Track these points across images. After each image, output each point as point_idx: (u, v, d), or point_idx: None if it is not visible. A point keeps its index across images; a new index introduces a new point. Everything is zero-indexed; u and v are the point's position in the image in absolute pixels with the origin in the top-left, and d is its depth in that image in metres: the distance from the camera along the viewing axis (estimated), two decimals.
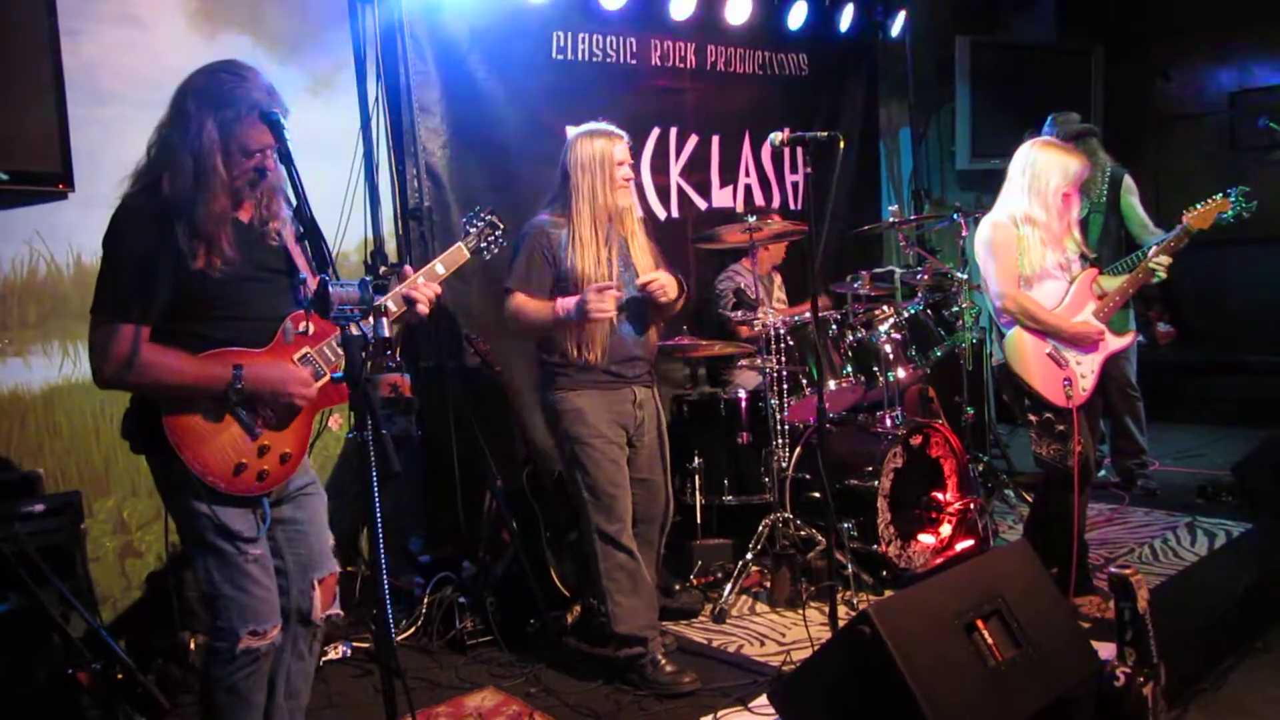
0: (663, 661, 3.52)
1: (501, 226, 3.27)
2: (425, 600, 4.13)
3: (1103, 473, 5.57)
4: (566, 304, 3.45)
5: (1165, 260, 3.89)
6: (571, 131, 3.65)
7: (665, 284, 3.53)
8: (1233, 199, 3.96)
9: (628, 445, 3.62)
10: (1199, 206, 3.95)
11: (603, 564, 3.54)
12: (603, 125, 3.62)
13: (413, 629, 4.07)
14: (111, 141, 3.63)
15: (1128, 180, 5.31)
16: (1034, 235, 3.77)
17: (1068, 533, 3.77)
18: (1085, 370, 3.80)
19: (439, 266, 2.98)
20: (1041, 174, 3.77)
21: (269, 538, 2.61)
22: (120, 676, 3.06)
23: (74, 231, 3.76)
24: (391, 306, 2.76)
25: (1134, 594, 2.98)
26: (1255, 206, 3.98)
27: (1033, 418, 3.83)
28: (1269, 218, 4.66)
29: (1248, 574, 4.19)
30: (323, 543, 2.77)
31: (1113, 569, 3.04)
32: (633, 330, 3.63)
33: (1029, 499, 5.18)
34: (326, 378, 2.58)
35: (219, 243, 2.43)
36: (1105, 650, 3.08)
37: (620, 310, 3.54)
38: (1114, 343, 3.88)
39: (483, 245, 3.21)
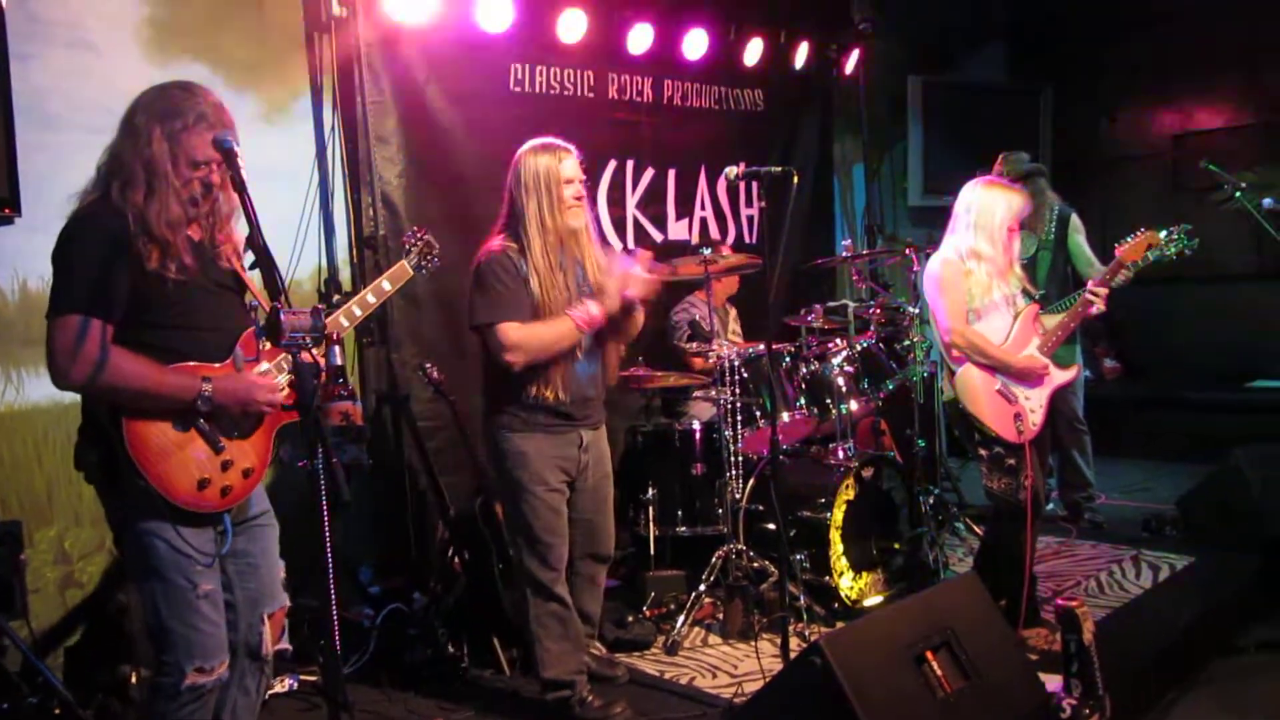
0: (590, 699, 3.47)
1: (437, 246, 3.33)
2: (375, 632, 4.07)
3: (1050, 506, 5.64)
4: (580, 315, 3.31)
5: (1102, 291, 3.96)
6: (522, 147, 3.49)
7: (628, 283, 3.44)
8: (1175, 237, 4.06)
9: (569, 488, 3.52)
10: (1130, 239, 4.05)
11: (533, 610, 3.46)
12: (549, 140, 3.47)
13: (362, 661, 4.01)
14: (60, 167, 3.58)
15: (1075, 219, 5.42)
16: (981, 269, 3.84)
17: (1017, 566, 3.81)
18: (1034, 405, 3.86)
19: (385, 283, 3.13)
20: (987, 210, 3.86)
21: (220, 570, 2.57)
22: (58, 711, 2.99)
23: (19, 257, 3.70)
24: (345, 322, 2.80)
25: (1080, 626, 3.02)
26: (1197, 245, 4.08)
27: (983, 452, 3.88)
28: (1211, 256, 4.78)
29: (1191, 607, 4.26)
30: (273, 577, 2.74)
31: (1060, 601, 3.08)
32: (589, 367, 3.50)
33: (979, 531, 5.23)
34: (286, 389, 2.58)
35: (174, 247, 2.42)
36: (1052, 682, 3.11)
37: (577, 345, 3.42)
38: (1059, 376, 3.94)
39: (423, 264, 3.30)
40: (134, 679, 3.52)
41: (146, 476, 2.37)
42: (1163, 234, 4.05)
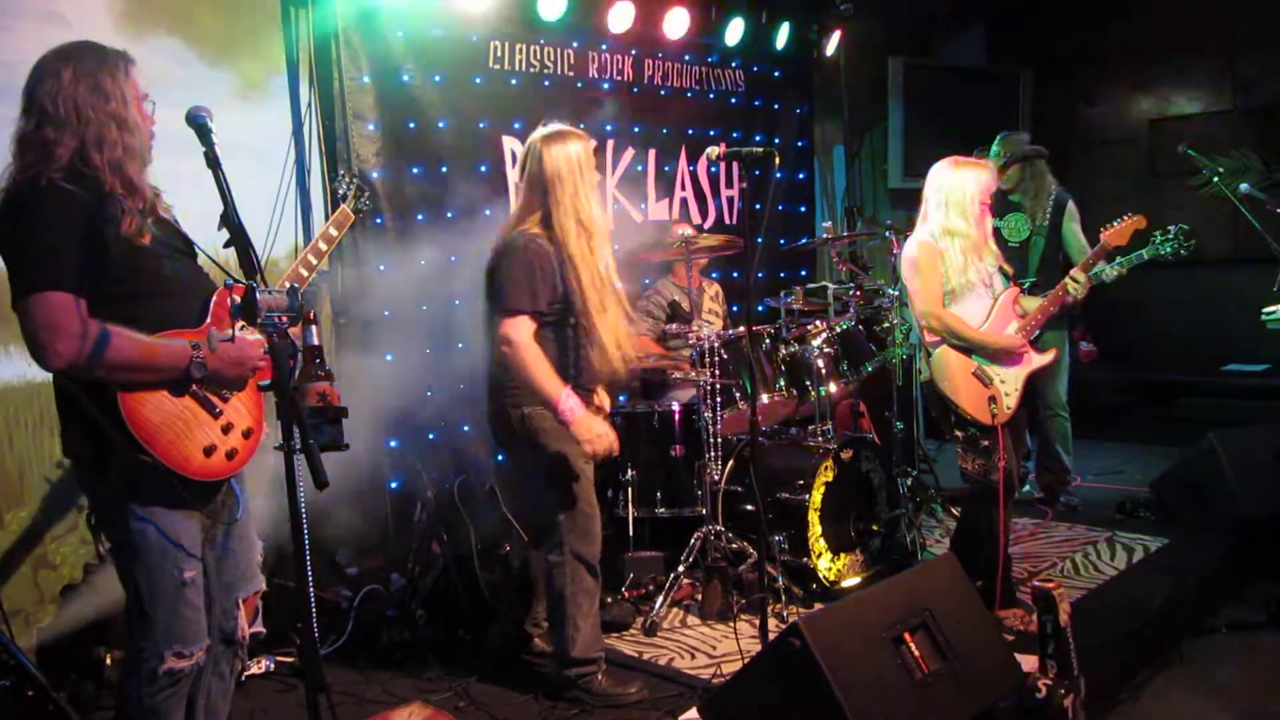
0: (601, 677, 3.49)
1: (367, 187, 3.34)
2: (353, 613, 4.06)
3: (1026, 488, 5.68)
4: (573, 405, 3.25)
5: (1081, 277, 3.98)
6: (532, 136, 3.40)
7: None
8: (1172, 236, 4.07)
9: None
10: (1115, 224, 4.06)
11: (569, 587, 3.42)
12: (567, 126, 3.40)
13: (339, 643, 3.99)
14: None
15: (1071, 206, 5.37)
16: (955, 246, 3.85)
17: (992, 547, 3.84)
18: (1009, 389, 3.87)
19: (332, 230, 3.19)
20: (957, 187, 3.87)
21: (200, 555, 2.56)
22: (31, 694, 2.96)
23: None
24: (304, 273, 2.88)
25: (1056, 607, 3.04)
26: (1193, 246, 4.08)
27: (959, 433, 3.90)
28: None
29: (1164, 588, 4.30)
30: (249, 561, 2.73)
31: (1036, 583, 3.10)
32: (619, 351, 3.48)
33: (956, 513, 5.26)
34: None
35: (137, 210, 2.37)
36: (1028, 663, 3.14)
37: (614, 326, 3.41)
38: (1037, 360, 3.96)
39: (360, 207, 3.29)
40: (108, 661, 3.49)
41: (153, 452, 2.33)
42: (1157, 233, 4.06)
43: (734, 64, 6.34)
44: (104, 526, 2.52)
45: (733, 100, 6.37)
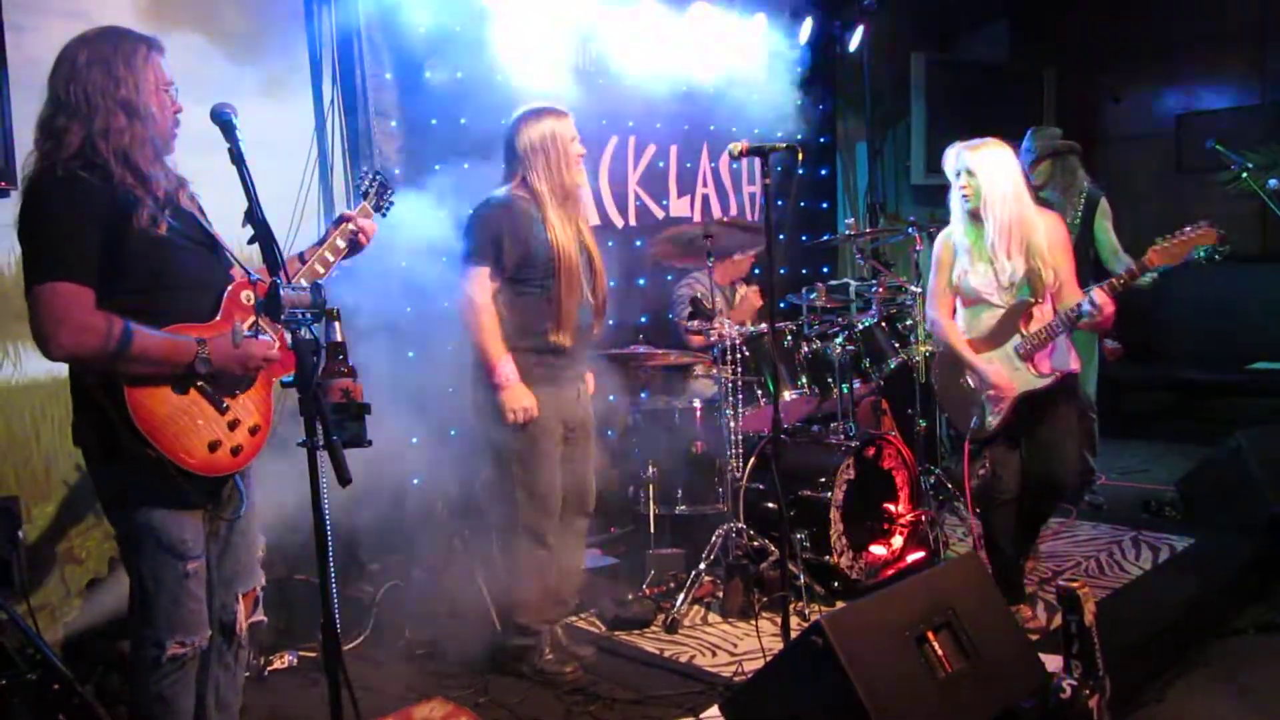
0: (548, 652, 3.58)
1: (391, 186, 3.35)
2: (375, 608, 4.07)
3: None
4: (508, 372, 3.39)
5: (1100, 299, 3.52)
6: (516, 111, 3.58)
7: None
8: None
9: (563, 440, 3.61)
10: (1173, 237, 3.60)
11: (520, 559, 3.55)
12: (547, 104, 3.57)
13: (361, 638, 4.01)
14: None
15: (1103, 203, 5.30)
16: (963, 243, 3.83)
17: (991, 545, 3.87)
18: (995, 404, 3.80)
19: (350, 226, 3.12)
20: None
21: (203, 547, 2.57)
22: (57, 687, 2.99)
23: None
24: (320, 269, 2.82)
25: (1081, 607, 3.01)
26: (1228, 250, 3.97)
27: (951, 431, 3.89)
28: None
29: (1189, 587, 4.26)
30: (250, 557, 2.75)
31: (1061, 582, 3.07)
32: (590, 313, 3.59)
33: (978, 512, 5.23)
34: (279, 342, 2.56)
35: (155, 198, 2.37)
36: (1052, 663, 3.11)
37: (582, 290, 3.52)
38: (1033, 381, 3.71)
39: (381, 205, 3.28)
40: None
41: (157, 446, 2.34)
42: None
43: (757, 59, 6.31)
44: (111, 517, 2.54)
45: (755, 96, 6.34)
